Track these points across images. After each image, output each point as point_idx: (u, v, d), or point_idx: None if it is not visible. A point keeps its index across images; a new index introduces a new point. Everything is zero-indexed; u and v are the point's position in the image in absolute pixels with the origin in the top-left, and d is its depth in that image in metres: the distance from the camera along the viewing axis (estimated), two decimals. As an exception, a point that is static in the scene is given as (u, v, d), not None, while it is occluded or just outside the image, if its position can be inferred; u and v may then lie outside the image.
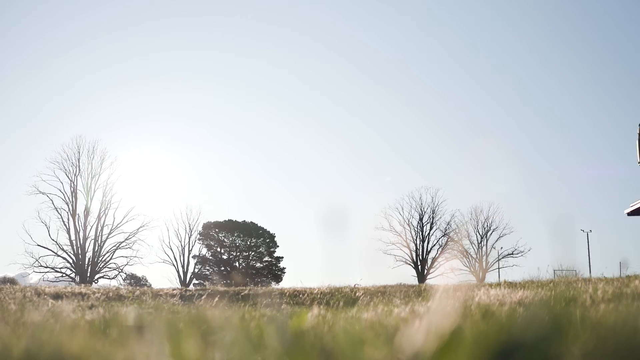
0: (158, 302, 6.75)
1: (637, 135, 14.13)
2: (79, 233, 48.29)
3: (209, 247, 59.31)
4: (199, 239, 58.40)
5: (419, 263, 56.35)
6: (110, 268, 49.21)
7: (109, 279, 48.86)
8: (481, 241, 56.85)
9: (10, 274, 38.34)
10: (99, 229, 49.05)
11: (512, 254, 55.92)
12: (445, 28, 75.50)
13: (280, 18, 74.76)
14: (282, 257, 61.36)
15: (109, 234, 49.28)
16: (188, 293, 8.84)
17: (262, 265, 60.90)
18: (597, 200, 71.16)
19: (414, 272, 56.00)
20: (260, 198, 74.43)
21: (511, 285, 7.22)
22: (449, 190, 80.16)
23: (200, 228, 57.96)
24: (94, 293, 8.38)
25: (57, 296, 7.97)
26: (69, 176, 48.58)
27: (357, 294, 7.90)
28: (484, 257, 56.55)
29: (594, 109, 72.97)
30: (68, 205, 48.26)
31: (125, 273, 51.19)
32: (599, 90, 73.33)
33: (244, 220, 60.72)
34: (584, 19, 73.11)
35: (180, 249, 56.04)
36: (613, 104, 73.47)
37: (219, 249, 59.48)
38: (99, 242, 48.85)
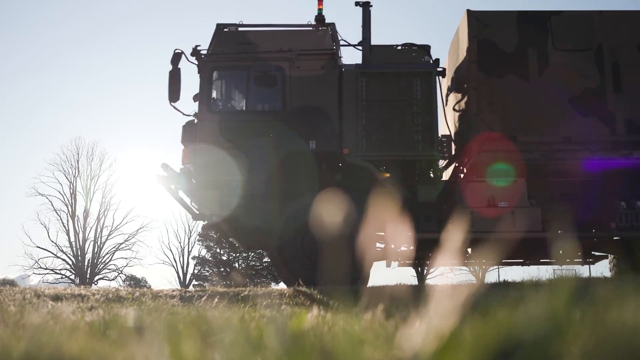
0: (158, 303, 6.76)
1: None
2: (78, 234, 48.25)
3: (208, 248, 59.25)
4: (199, 240, 58.34)
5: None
6: (109, 269, 49.14)
7: (109, 280, 48.77)
8: (481, 240, 56.77)
9: (11, 275, 38.27)
10: (99, 230, 48.99)
11: (512, 253, 55.78)
12: (447, 26, 75.68)
13: (280, 17, 74.91)
14: (282, 258, 61.31)
15: (109, 235, 49.22)
16: (188, 294, 8.83)
17: (261, 265, 60.85)
18: (597, 200, 70.92)
19: (413, 272, 55.95)
20: (260, 199, 74.32)
21: (511, 284, 7.25)
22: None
23: (199, 229, 57.94)
24: (93, 294, 8.38)
25: (56, 298, 7.96)
26: (68, 178, 48.46)
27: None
28: (484, 257, 56.45)
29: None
30: (67, 207, 48.20)
31: (125, 274, 51.11)
32: (598, 89, 73.15)
33: (244, 221, 60.63)
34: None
35: (179, 250, 55.98)
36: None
37: (218, 250, 59.45)
38: (99, 243, 48.82)
